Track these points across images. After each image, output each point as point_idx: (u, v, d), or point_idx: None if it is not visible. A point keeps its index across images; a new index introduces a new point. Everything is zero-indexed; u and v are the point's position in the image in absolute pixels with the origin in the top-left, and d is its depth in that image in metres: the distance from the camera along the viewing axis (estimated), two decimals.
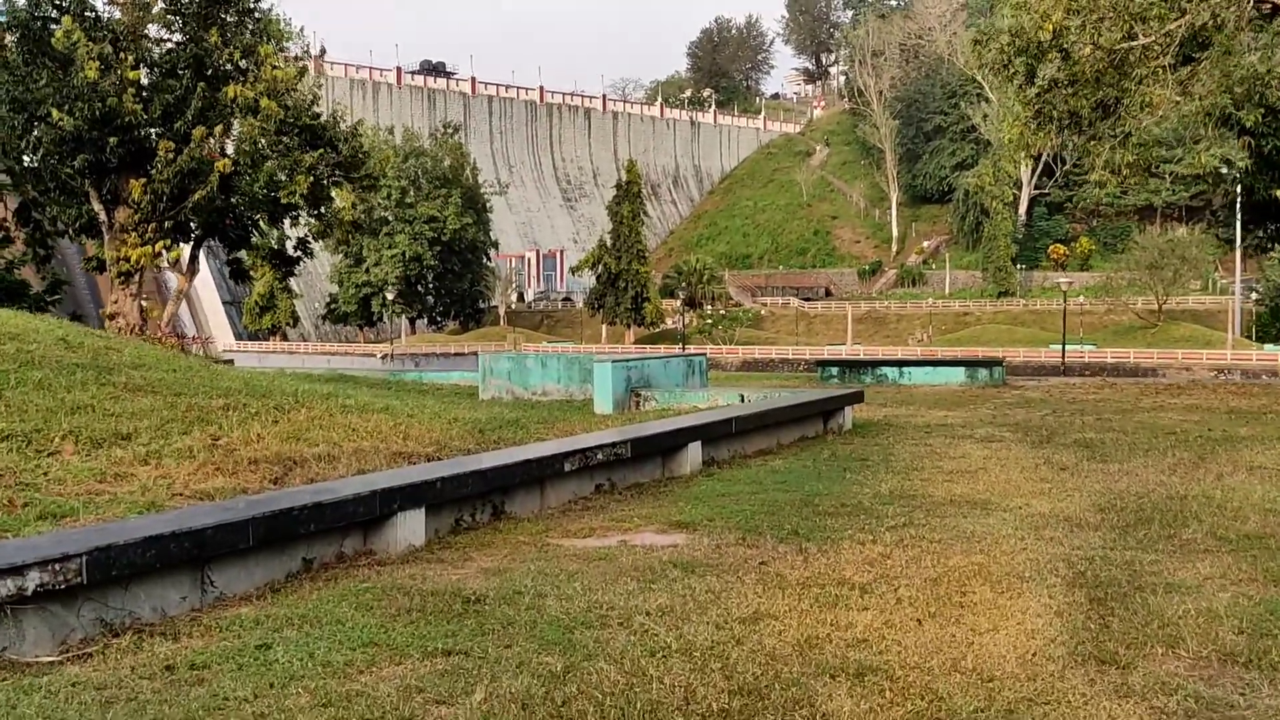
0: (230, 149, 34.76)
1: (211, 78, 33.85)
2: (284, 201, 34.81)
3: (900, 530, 7.82)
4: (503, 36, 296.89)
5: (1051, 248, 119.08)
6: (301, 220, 40.00)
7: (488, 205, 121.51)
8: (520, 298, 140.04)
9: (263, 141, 33.69)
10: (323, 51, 40.80)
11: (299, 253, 45.22)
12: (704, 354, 17.58)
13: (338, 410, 10.95)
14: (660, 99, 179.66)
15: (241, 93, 33.26)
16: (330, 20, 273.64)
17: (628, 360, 15.32)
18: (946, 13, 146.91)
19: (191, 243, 38.75)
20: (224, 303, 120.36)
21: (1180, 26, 21.94)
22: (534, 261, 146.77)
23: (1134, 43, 22.31)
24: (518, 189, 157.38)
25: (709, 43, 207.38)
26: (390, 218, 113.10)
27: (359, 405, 11.65)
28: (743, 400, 14.57)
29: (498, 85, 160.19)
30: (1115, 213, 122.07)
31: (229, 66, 34.50)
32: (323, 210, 37.29)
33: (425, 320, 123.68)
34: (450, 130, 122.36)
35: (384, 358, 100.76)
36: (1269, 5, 21.92)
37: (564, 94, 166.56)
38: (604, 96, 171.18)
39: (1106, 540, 7.43)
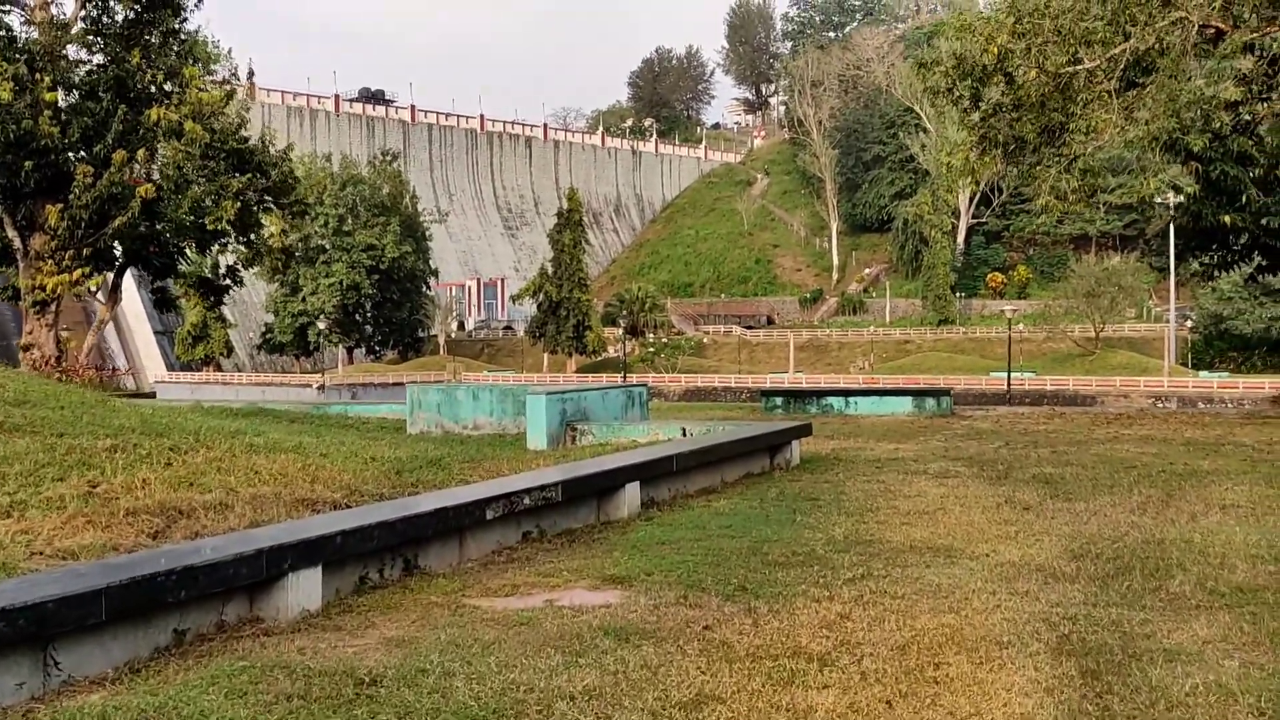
0: (155, 174, 33.49)
1: (134, 100, 32.62)
2: (211, 228, 33.61)
3: (859, 584, 7.04)
4: (443, 65, 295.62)
5: (990, 276, 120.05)
6: (230, 248, 38.78)
7: (427, 234, 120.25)
8: (461, 326, 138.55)
9: (187, 166, 32.52)
10: (251, 74, 39.39)
11: (228, 281, 43.96)
12: (645, 385, 16.78)
13: (241, 450, 9.98)
14: (602, 128, 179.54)
15: (165, 115, 32.06)
16: (266, 47, 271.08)
17: (563, 392, 14.46)
18: (884, 44, 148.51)
19: (114, 271, 37.38)
20: (156, 333, 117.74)
21: (1125, 51, 21.64)
22: (475, 290, 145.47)
23: (1078, 67, 21.97)
24: (458, 217, 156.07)
25: (650, 73, 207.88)
26: (327, 246, 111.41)
27: (267, 444, 10.69)
28: (685, 434, 13.77)
29: (438, 113, 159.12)
30: (1052, 241, 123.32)
31: (152, 89, 33.28)
32: (252, 237, 36.11)
33: (363, 350, 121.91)
34: (389, 158, 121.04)
35: (320, 388, 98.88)
36: (1213, 29, 21.69)
37: (505, 122, 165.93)
38: (545, 125, 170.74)
39: (1087, 594, 6.69)
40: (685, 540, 8.60)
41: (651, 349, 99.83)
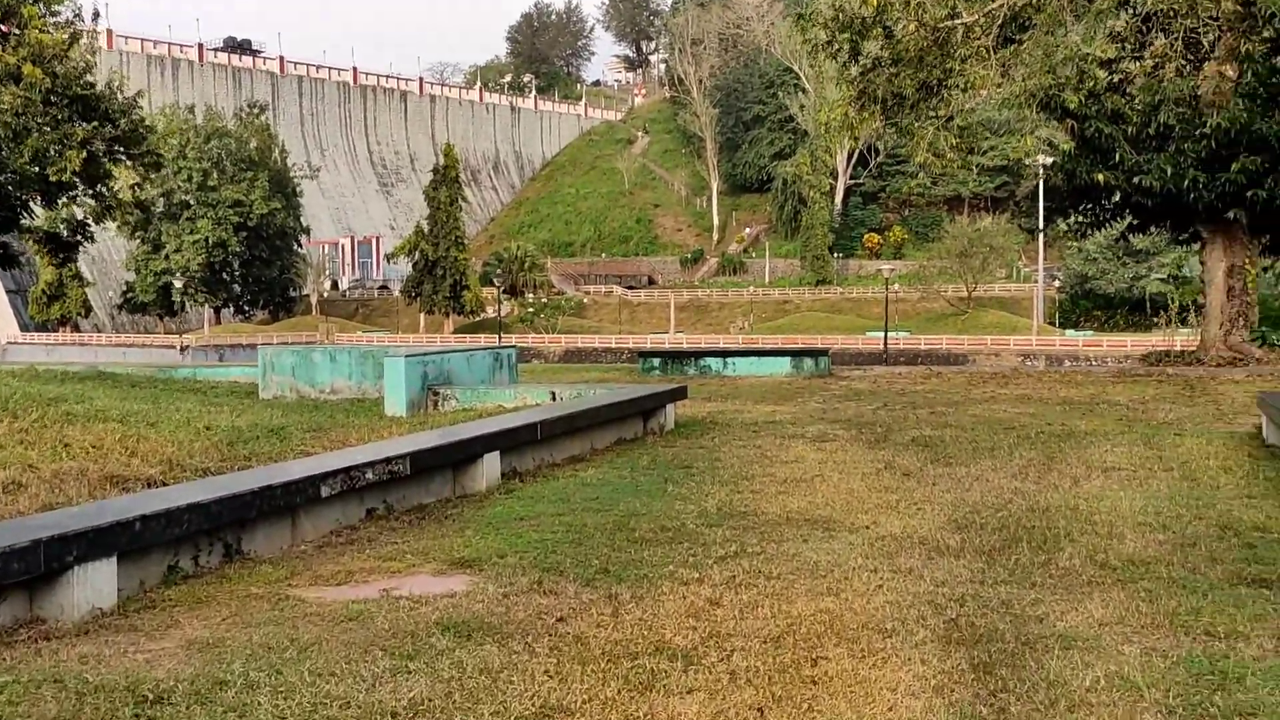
0: None
1: None
2: (54, 179, 31.62)
3: (731, 562, 6.45)
4: (313, 16, 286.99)
5: (866, 236, 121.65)
6: (78, 201, 36.65)
7: (298, 190, 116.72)
8: (334, 286, 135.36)
9: (27, 113, 30.47)
10: (96, 15, 36.97)
11: (77, 237, 41.68)
12: (514, 346, 16.00)
13: (54, 420, 8.97)
14: (480, 84, 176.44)
15: (1, 58, 29.97)
16: None
17: (425, 354, 13.61)
18: (764, 3, 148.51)
19: None
20: (8, 291, 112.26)
21: (1002, 6, 21.43)
22: (349, 248, 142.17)
23: (956, 21, 21.71)
24: (331, 173, 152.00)
25: (529, 27, 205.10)
26: (192, 201, 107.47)
27: (88, 413, 9.68)
28: (554, 399, 13.06)
29: (308, 65, 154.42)
30: (926, 203, 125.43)
31: None
32: (101, 190, 34.13)
33: (231, 310, 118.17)
34: (256, 110, 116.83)
35: (184, 350, 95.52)
36: None
37: (379, 76, 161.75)
38: (421, 79, 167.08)
39: (974, 571, 6.20)
40: (546, 515, 7.93)
41: (531, 309, 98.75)
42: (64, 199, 35.75)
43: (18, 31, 31.03)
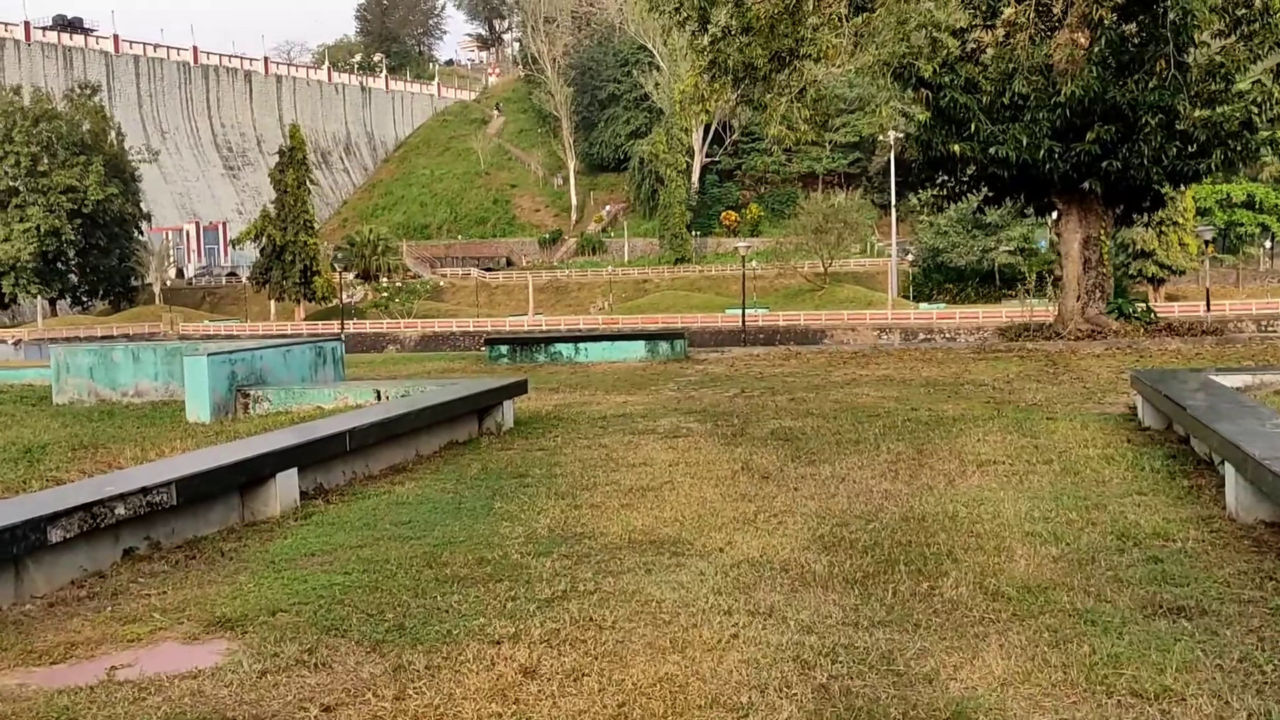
0: None
1: None
2: None
3: (557, 607, 5.32)
4: None
5: (724, 214, 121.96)
6: None
7: (136, 174, 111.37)
8: (180, 274, 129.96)
9: None
10: None
11: None
12: (339, 338, 14.57)
13: None
14: (328, 63, 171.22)
15: None
16: None
17: (232, 352, 12.11)
18: None
19: None
20: None
21: None
22: (194, 234, 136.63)
23: None
24: (172, 156, 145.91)
25: (378, 6, 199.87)
26: (20, 188, 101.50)
27: None
28: (379, 398, 11.74)
29: (145, 44, 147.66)
30: (781, 180, 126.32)
31: None
32: None
33: (69, 301, 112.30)
34: (88, 92, 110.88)
35: (16, 344, 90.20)
36: None
37: (222, 55, 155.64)
38: (266, 59, 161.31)
39: (845, 608, 5.19)
40: (345, 547, 6.67)
41: (385, 294, 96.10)
42: None
43: None
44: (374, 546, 6.65)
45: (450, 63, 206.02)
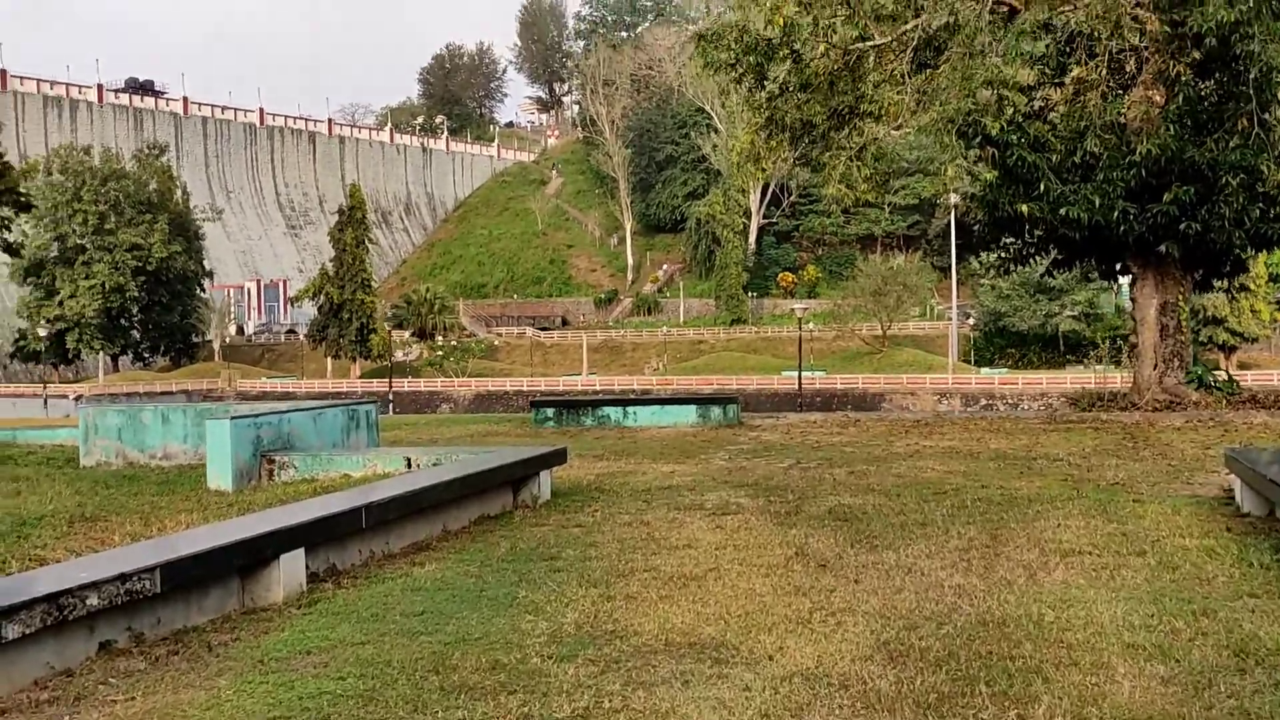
0: None
1: None
2: None
3: None
4: (219, 57, 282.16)
5: (780, 275, 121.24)
6: None
7: (200, 232, 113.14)
8: (240, 331, 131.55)
9: None
10: None
11: None
12: (374, 401, 13.93)
13: None
14: (390, 124, 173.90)
15: None
16: (21, 31, 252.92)
17: (257, 415, 11.51)
18: (675, 45, 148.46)
19: None
20: None
21: (916, 28, 20.03)
22: (255, 292, 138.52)
23: (867, 44, 20.28)
24: (236, 216, 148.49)
25: (441, 69, 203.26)
26: (88, 245, 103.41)
27: None
28: (409, 466, 11.05)
29: (213, 106, 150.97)
30: (839, 241, 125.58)
31: None
32: None
33: (131, 357, 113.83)
34: (156, 152, 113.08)
35: (78, 399, 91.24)
36: (1006, 7, 20.33)
37: (287, 116, 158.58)
38: (330, 120, 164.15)
39: None
40: (346, 644, 5.92)
41: (440, 352, 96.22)
42: None
43: None
44: (378, 643, 5.90)
45: (510, 125, 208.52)
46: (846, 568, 7.57)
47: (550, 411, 20.45)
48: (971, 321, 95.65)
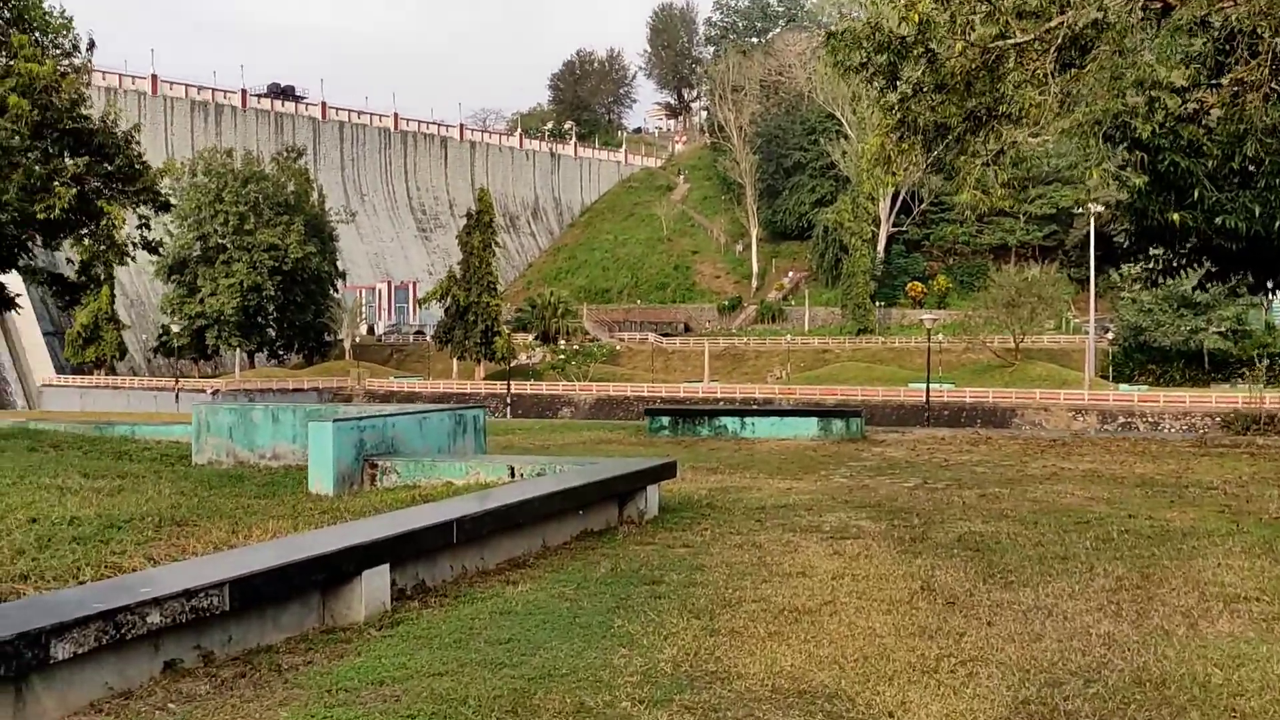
0: None
1: None
2: (41, 217, 29.74)
3: None
4: (358, 64, 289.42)
5: (909, 285, 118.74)
6: (86, 242, 34.75)
7: (334, 234, 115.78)
8: (370, 331, 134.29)
9: (12, 146, 28.65)
10: (92, 45, 34.09)
11: (83, 278, 39.79)
12: (483, 407, 13.55)
13: None
14: (520, 130, 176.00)
15: None
16: (170, 39, 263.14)
17: (360, 418, 11.20)
18: (806, 50, 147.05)
19: None
20: (45, 334, 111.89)
21: (1061, 25, 18.95)
22: (385, 293, 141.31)
23: (1008, 41, 19.24)
24: (370, 218, 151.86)
25: (571, 75, 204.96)
26: (228, 245, 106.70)
27: None
28: (513, 475, 10.61)
29: (350, 110, 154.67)
30: (971, 251, 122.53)
31: None
32: (94, 229, 32.19)
33: (266, 354, 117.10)
34: (294, 155, 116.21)
35: (214, 394, 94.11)
36: (1160, 3, 19.10)
37: (420, 121, 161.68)
38: (461, 125, 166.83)
39: None
40: (423, 674, 5.43)
41: (562, 356, 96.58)
42: (71, 239, 33.89)
43: (6, 60, 29.33)
44: (457, 675, 5.40)
45: (639, 130, 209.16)
46: (978, 607, 6.84)
47: (665, 420, 19.90)
48: (1110, 336, 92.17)
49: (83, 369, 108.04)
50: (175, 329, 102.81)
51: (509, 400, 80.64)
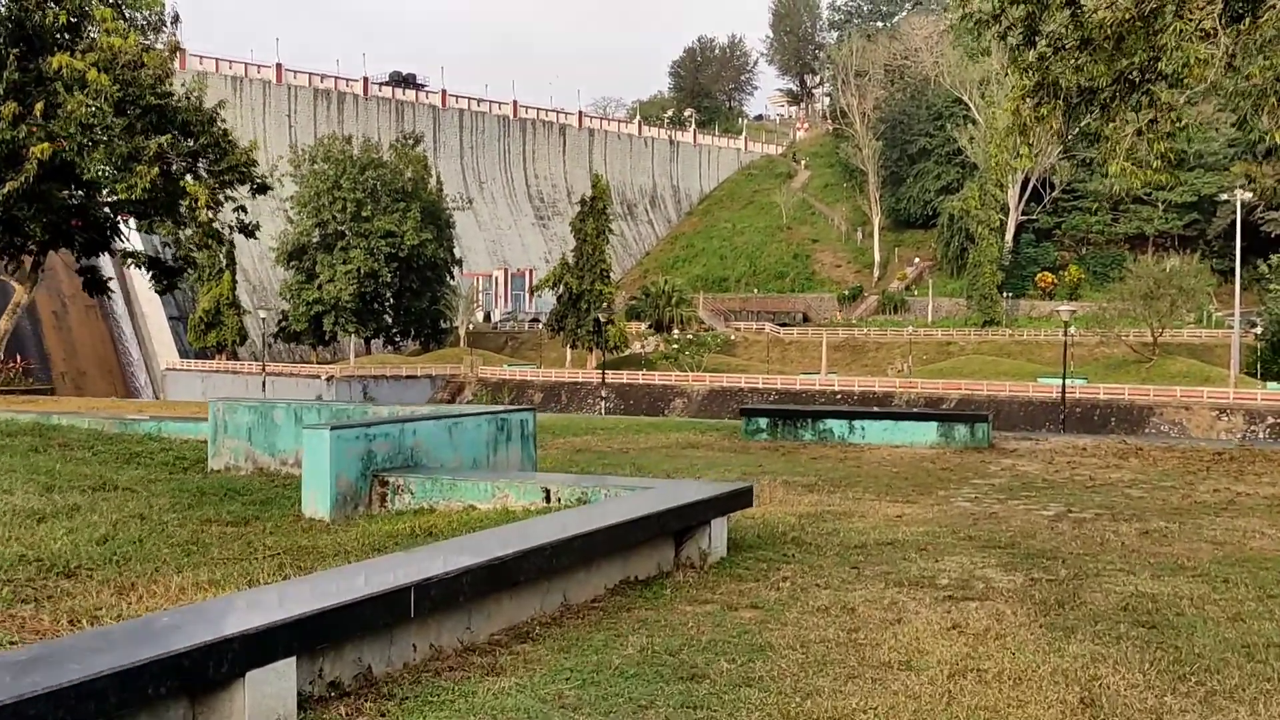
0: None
1: (31, 43, 27.87)
2: (123, 196, 28.77)
3: None
4: (481, 54, 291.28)
5: (1039, 276, 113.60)
6: (170, 224, 33.88)
7: (451, 221, 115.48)
8: (487, 318, 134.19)
9: (95, 122, 27.68)
10: (176, 18, 32.94)
11: (180, 263, 39.08)
12: (530, 410, 11.45)
13: None
14: (639, 117, 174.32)
15: (69, 64, 27.27)
16: (295, 27, 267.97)
17: (369, 424, 9.22)
18: (933, 34, 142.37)
19: (36, 249, 32.70)
20: (170, 318, 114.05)
21: None
22: (502, 280, 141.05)
23: None
24: (488, 206, 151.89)
25: (691, 62, 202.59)
26: (346, 231, 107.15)
27: None
28: (547, 500, 8.52)
29: (469, 98, 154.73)
30: (1106, 241, 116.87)
31: (57, 32, 28.49)
32: (181, 210, 31.22)
33: (382, 340, 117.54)
34: (412, 142, 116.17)
35: (329, 380, 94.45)
36: None
37: (538, 109, 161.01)
38: (580, 112, 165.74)
39: None
40: None
41: (675, 345, 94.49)
42: (167, 221, 33.00)
43: (89, 34, 28.37)
44: None
45: (760, 118, 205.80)
46: None
47: (764, 422, 17.64)
48: (1257, 330, 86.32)
49: (205, 354, 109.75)
50: (293, 315, 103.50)
51: (602, 394, 78.90)
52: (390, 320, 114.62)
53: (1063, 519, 10.28)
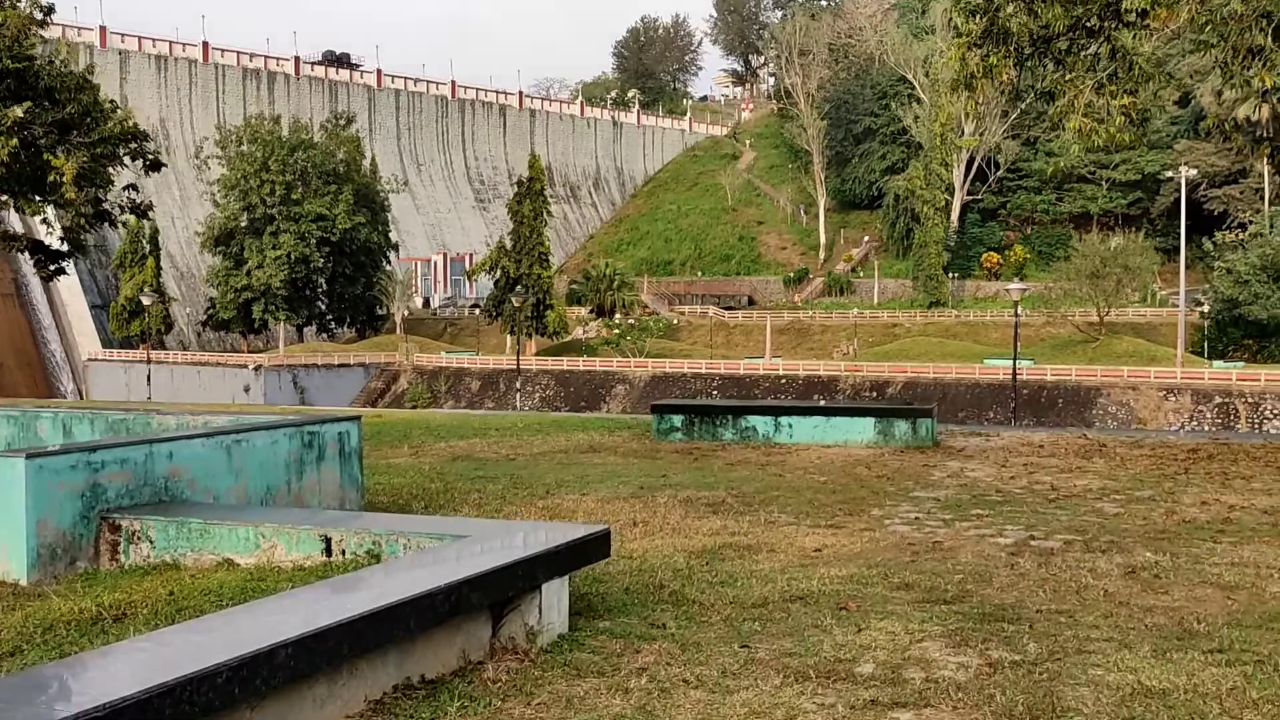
0: None
1: None
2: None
3: None
4: (415, 33, 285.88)
5: (985, 256, 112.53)
6: (37, 202, 30.89)
7: (387, 204, 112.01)
8: (426, 304, 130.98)
9: None
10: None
11: (65, 245, 36.03)
12: (356, 419, 9.00)
13: None
14: (581, 98, 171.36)
15: None
16: (223, 5, 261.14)
17: (95, 447, 6.82)
18: (877, 13, 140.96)
19: None
20: (92, 307, 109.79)
21: None
22: (441, 265, 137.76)
23: None
24: (427, 188, 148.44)
25: (635, 42, 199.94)
26: (275, 215, 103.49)
27: None
28: (328, 554, 6.17)
29: (406, 78, 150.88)
30: (1050, 220, 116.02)
31: None
32: (52, 186, 28.32)
33: (315, 328, 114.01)
34: (344, 122, 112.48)
35: (257, 369, 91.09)
36: None
37: (478, 89, 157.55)
38: (520, 93, 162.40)
39: None
40: None
41: (617, 331, 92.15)
42: (35, 199, 29.98)
43: None
44: None
45: (704, 99, 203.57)
46: None
47: (678, 420, 15.37)
48: (1203, 309, 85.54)
49: (129, 343, 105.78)
50: (220, 302, 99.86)
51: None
52: (324, 307, 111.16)
53: (1024, 551, 8.09)
